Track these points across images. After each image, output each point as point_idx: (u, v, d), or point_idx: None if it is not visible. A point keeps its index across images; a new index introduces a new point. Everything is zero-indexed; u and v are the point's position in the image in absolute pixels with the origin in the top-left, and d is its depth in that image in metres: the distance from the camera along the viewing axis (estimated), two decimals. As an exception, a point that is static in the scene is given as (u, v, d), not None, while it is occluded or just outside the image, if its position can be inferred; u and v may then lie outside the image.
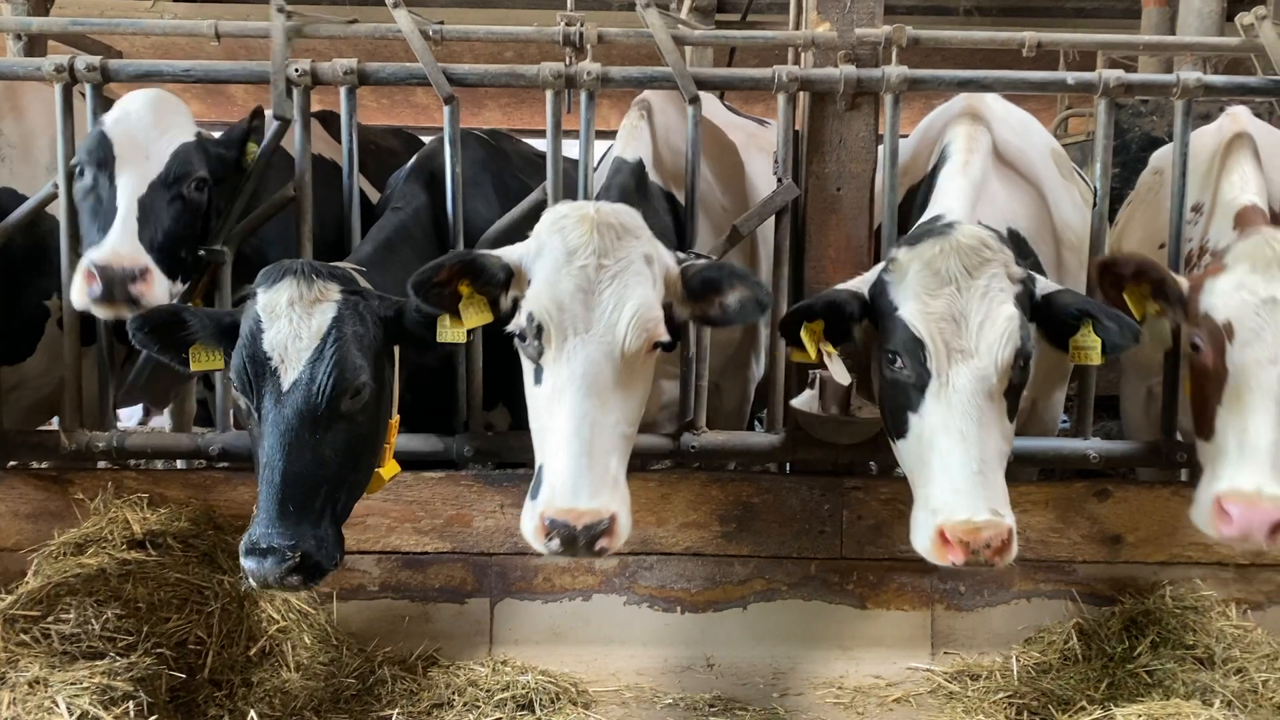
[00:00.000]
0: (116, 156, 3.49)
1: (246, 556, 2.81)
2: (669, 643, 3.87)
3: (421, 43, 3.73)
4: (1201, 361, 3.25)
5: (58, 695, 2.86)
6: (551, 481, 2.75)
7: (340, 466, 2.97)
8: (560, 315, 2.82)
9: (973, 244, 2.93)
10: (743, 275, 3.04)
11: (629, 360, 2.84)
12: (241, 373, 2.95)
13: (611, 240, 2.90)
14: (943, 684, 3.69)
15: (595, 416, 2.77)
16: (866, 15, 3.83)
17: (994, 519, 2.72)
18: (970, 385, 2.84)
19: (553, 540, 2.69)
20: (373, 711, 3.37)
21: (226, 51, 8.40)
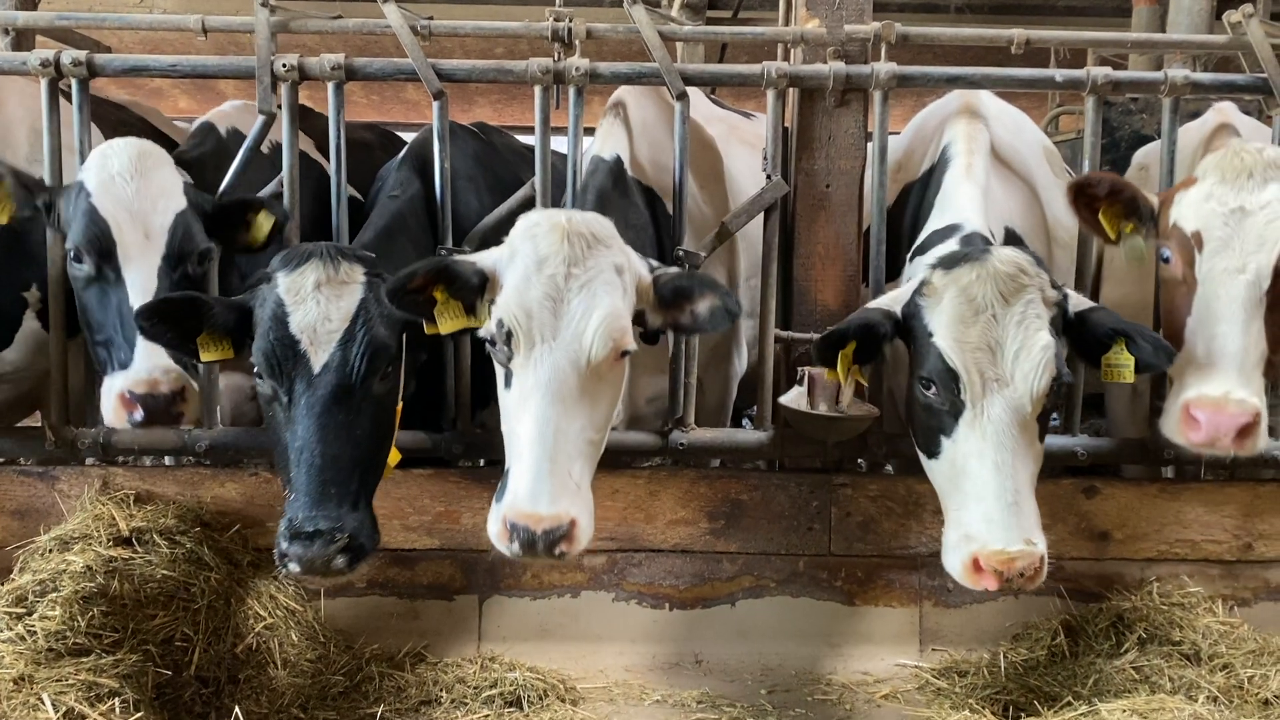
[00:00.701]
0: (117, 242, 3.36)
1: (292, 542, 2.84)
2: (657, 640, 3.87)
3: (411, 38, 3.72)
4: (1171, 273, 3.30)
5: (43, 692, 2.84)
6: (515, 486, 2.78)
7: (371, 447, 3.03)
8: (529, 322, 2.84)
9: (1010, 270, 2.92)
10: (713, 284, 3.07)
11: (595, 368, 2.86)
12: (270, 356, 2.97)
13: (582, 249, 2.91)
14: (930, 680, 3.70)
15: (559, 423, 2.79)
16: (856, 12, 3.83)
17: (1027, 549, 2.76)
18: (1005, 416, 2.86)
19: (514, 543, 2.74)
20: (360, 709, 3.37)
21: (214, 46, 8.38)
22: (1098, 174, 3.46)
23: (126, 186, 3.40)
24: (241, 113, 4.45)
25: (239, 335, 3.13)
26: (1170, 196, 3.37)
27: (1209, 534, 3.91)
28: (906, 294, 3.12)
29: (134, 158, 3.45)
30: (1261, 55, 3.77)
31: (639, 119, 4.00)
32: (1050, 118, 7.57)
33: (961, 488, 2.91)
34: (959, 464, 2.92)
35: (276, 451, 3.09)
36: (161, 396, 3.25)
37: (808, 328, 3.86)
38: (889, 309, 3.13)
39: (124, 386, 3.26)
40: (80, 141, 3.71)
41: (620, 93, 4.08)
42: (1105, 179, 3.42)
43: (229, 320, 3.11)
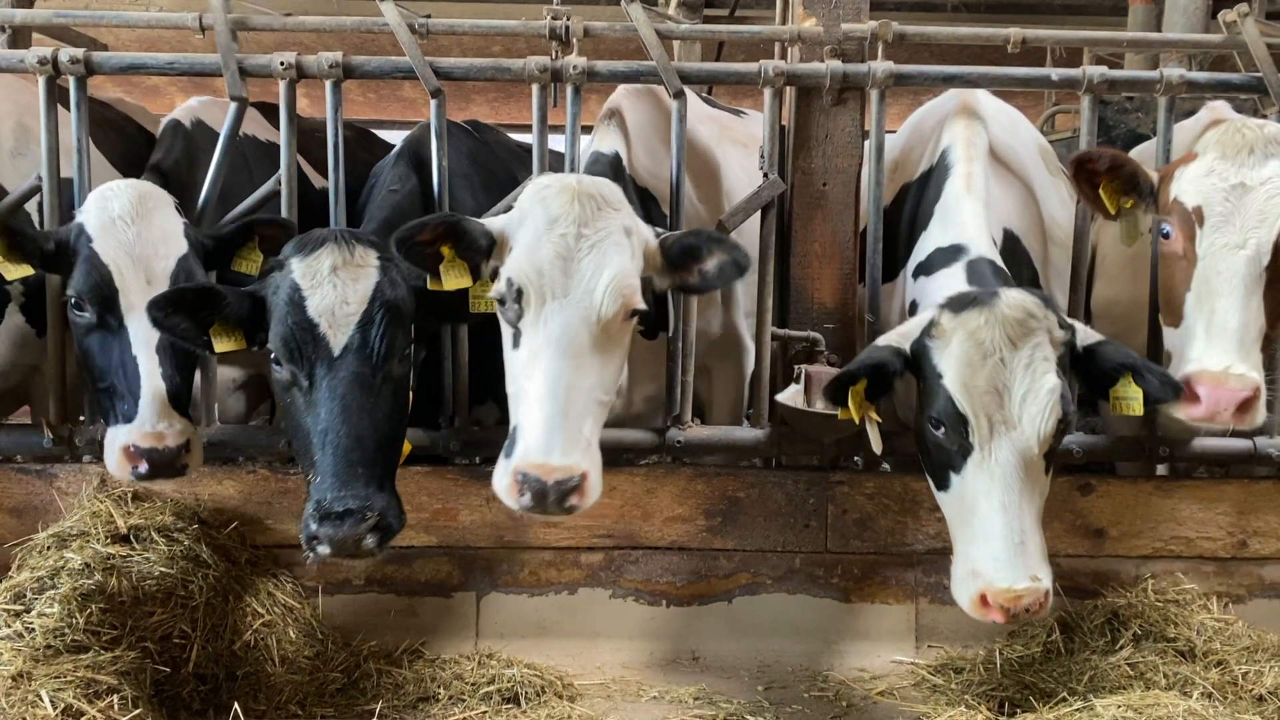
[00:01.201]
0: (119, 289, 3.24)
1: (322, 523, 2.85)
2: (654, 636, 3.89)
3: (408, 36, 3.73)
4: (1171, 248, 3.31)
5: (41, 689, 2.85)
6: (525, 438, 2.80)
7: (391, 429, 3.07)
8: (539, 280, 2.88)
9: (1018, 315, 2.94)
10: (719, 239, 3.12)
11: (605, 326, 2.89)
12: (289, 340, 3.00)
13: (592, 210, 2.95)
14: (926, 677, 3.71)
15: (571, 379, 2.83)
16: (853, 11, 3.84)
17: (1033, 585, 2.81)
18: (1012, 458, 2.89)
19: (524, 496, 2.76)
20: (358, 705, 3.38)
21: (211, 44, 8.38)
22: (1099, 149, 3.47)
23: (128, 230, 3.29)
24: (208, 107, 4.36)
25: (250, 326, 3.15)
26: (1170, 172, 3.38)
27: (1204, 531, 3.93)
28: (915, 330, 3.14)
29: (135, 200, 3.34)
30: (1256, 54, 3.78)
31: (634, 122, 4.01)
32: (1046, 116, 7.59)
33: (970, 524, 2.96)
34: (967, 501, 2.96)
35: (295, 437, 3.10)
36: (167, 450, 3.17)
37: (804, 326, 3.87)
38: (898, 346, 3.15)
39: (129, 440, 3.17)
40: (78, 140, 3.71)
41: (615, 97, 4.09)
42: (1106, 154, 3.44)
43: (242, 311, 3.12)
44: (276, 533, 3.82)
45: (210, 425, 3.80)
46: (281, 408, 3.20)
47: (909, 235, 3.91)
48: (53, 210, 3.69)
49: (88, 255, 3.26)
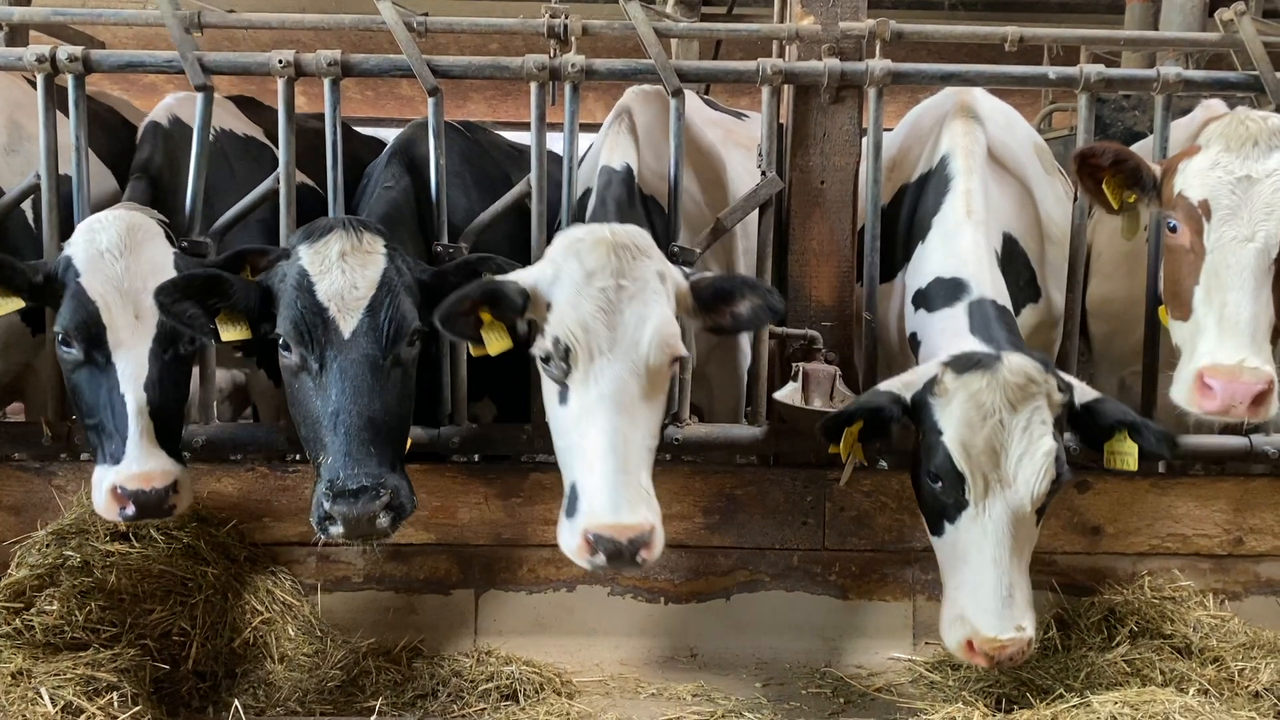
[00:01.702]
0: (107, 326, 3.14)
1: (335, 501, 2.87)
2: (652, 633, 3.89)
3: (406, 34, 3.73)
4: (1178, 242, 3.30)
5: (41, 686, 2.87)
6: (591, 499, 2.83)
7: (400, 413, 3.11)
8: (586, 337, 2.89)
9: (1019, 380, 2.99)
10: (754, 284, 3.15)
11: (652, 376, 2.92)
12: (298, 324, 3.03)
13: (628, 261, 2.96)
14: (924, 674, 3.72)
15: (626, 433, 2.85)
16: (850, 9, 3.85)
17: (1017, 635, 2.91)
18: (1005, 515, 2.97)
19: (597, 555, 2.79)
20: (357, 702, 3.38)
21: (210, 42, 8.37)
22: (1102, 144, 3.47)
23: (116, 264, 3.19)
24: (184, 103, 4.23)
25: (256, 317, 3.17)
26: (1173, 165, 3.38)
27: (1200, 528, 3.94)
28: (917, 382, 3.17)
29: (123, 232, 3.24)
30: (1253, 53, 3.79)
31: (644, 125, 4.00)
32: (1043, 114, 7.60)
33: (960, 572, 3.04)
34: (960, 551, 3.04)
35: (304, 423, 3.11)
36: (154, 492, 3.09)
37: (802, 324, 3.88)
38: (899, 394, 3.18)
39: (115, 481, 3.10)
40: (76, 138, 3.71)
41: (626, 99, 4.07)
42: (1109, 148, 3.44)
43: (249, 299, 3.14)
44: (275, 530, 3.83)
45: (209, 424, 3.80)
46: (289, 394, 3.20)
47: (906, 238, 3.91)
48: (51, 208, 3.69)
49: (75, 290, 3.16)
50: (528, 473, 3.89)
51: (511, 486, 3.87)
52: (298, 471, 3.82)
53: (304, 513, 3.78)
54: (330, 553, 3.84)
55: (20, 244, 3.79)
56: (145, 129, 4.12)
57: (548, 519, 3.87)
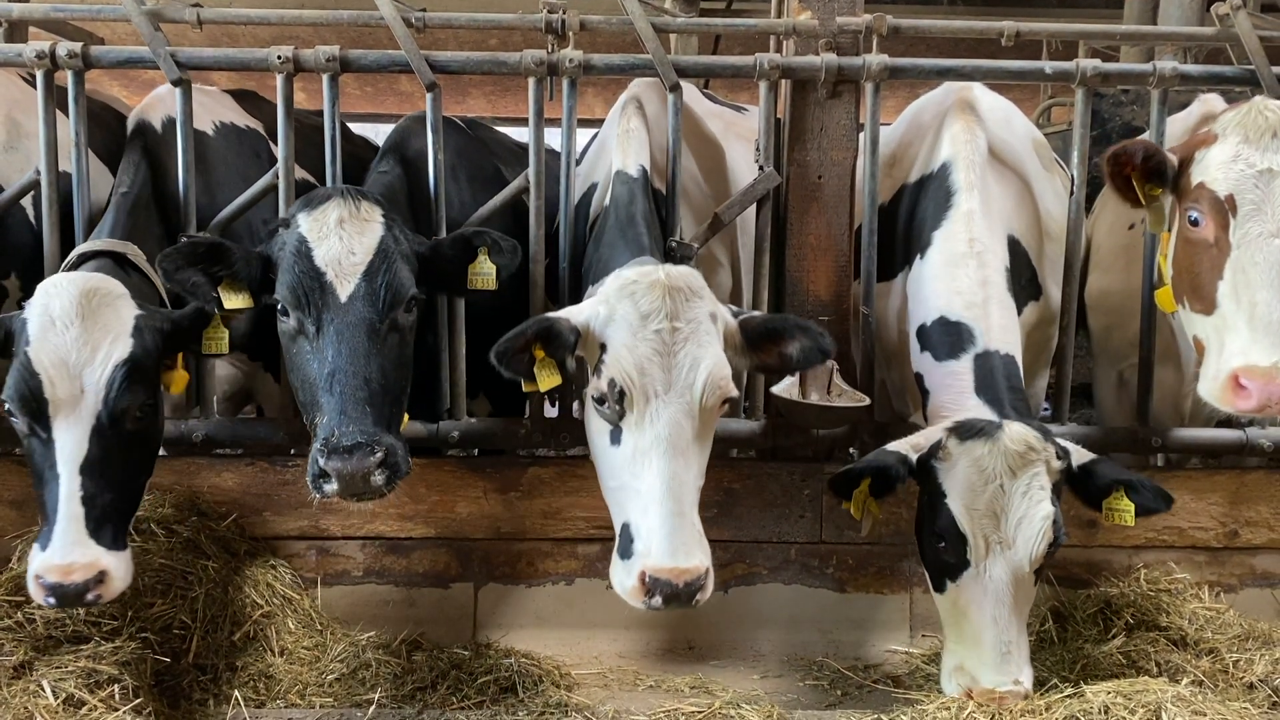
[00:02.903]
0: (49, 400, 2.88)
1: (330, 457, 2.87)
2: (650, 626, 3.91)
3: (404, 30, 3.74)
4: (1200, 235, 3.27)
5: (43, 680, 2.89)
6: (648, 541, 2.85)
7: (397, 378, 3.13)
8: (642, 379, 2.91)
9: (1019, 449, 3.08)
10: (804, 326, 3.17)
11: (704, 417, 2.95)
12: (296, 289, 3.07)
13: (682, 303, 2.98)
14: (921, 666, 3.74)
15: (681, 475, 2.89)
16: (847, 4, 3.86)
17: (1014, 689, 3.00)
18: (1005, 576, 3.06)
19: (654, 598, 2.81)
20: (356, 695, 3.39)
21: (209, 37, 8.36)
22: (1133, 143, 3.44)
23: (65, 334, 2.93)
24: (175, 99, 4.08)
25: (257, 287, 3.21)
26: (1190, 155, 3.34)
27: (1196, 521, 3.96)
28: (924, 445, 3.23)
29: (77, 297, 2.98)
30: (1249, 47, 3.80)
31: (654, 114, 3.99)
32: (1042, 109, 7.60)
33: (961, 627, 3.15)
34: (960, 607, 3.14)
35: (302, 387, 3.14)
36: (72, 586, 2.81)
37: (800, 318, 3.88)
38: (906, 454, 3.24)
39: (35, 570, 2.84)
40: (75, 134, 3.73)
41: (634, 88, 4.07)
42: (1139, 147, 3.41)
43: (251, 269, 3.19)
44: (275, 524, 3.84)
45: (209, 418, 3.82)
46: (287, 359, 3.23)
47: (906, 241, 3.91)
48: (51, 204, 3.70)
49: (22, 360, 2.93)
50: (526, 467, 3.91)
51: (510, 480, 3.88)
52: (297, 466, 3.84)
53: (304, 507, 3.83)
54: (330, 546, 3.86)
55: (21, 241, 3.80)
56: (134, 130, 3.95)
57: (546, 513, 3.89)
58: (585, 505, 3.88)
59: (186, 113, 3.72)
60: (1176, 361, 4.22)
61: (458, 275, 3.36)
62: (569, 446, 3.92)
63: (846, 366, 3.90)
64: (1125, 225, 4.29)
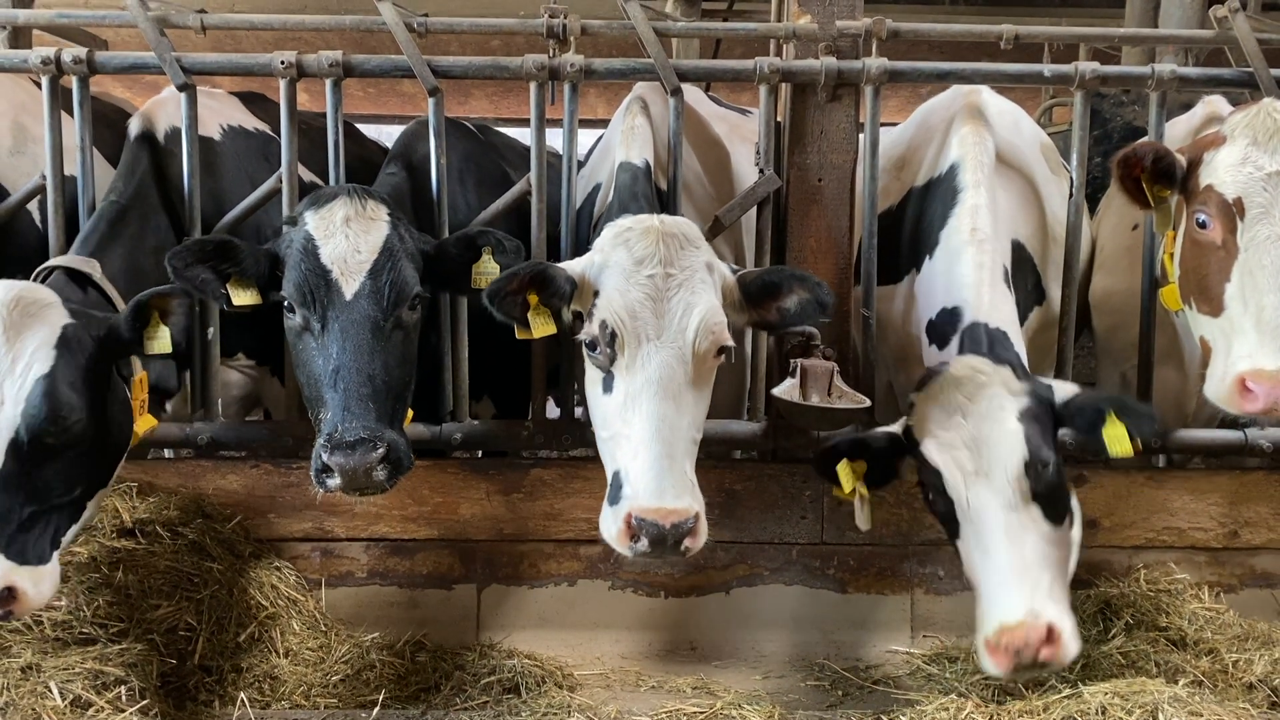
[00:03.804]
0: None
1: (333, 452, 2.91)
2: (653, 627, 3.93)
3: (406, 35, 3.76)
4: (1208, 237, 3.27)
5: (50, 681, 2.90)
6: (635, 484, 2.81)
7: (401, 375, 3.16)
8: (633, 322, 2.90)
9: (967, 374, 3.06)
10: (802, 277, 3.14)
11: (697, 364, 2.93)
12: (303, 286, 3.11)
13: (676, 250, 2.99)
14: (921, 666, 3.76)
15: (672, 419, 2.85)
16: (847, 8, 3.87)
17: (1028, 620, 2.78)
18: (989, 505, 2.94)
19: (639, 541, 2.75)
20: (361, 696, 3.42)
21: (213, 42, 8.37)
22: (1142, 145, 3.45)
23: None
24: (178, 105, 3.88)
25: (265, 284, 3.25)
26: (1199, 156, 3.34)
27: (1196, 521, 3.97)
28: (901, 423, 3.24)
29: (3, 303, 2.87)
30: (1247, 50, 3.82)
31: (659, 114, 4.01)
32: (1044, 109, 7.61)
33: (976, 568, 3.02)
34: (967, 552, 3.04)
35: (307, 383, 3.18)
36: None
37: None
38: (892, 430, 3.23)
39: None
40: (81, 139, 3.75)
41: (640, 90, 4.10)
42: (1148, 150, 3.42)
43: (259, 266, 3.22)
44: (280, 526, 3.87)
45: (214, 421, 3.84)
46: (293, 355, 3.28)
47: (913, 244, 3.93)
48: (56, 209, 3.73)
49: None
50: (529, 469, 3.93)
51: (513, 482, 3.91)
52: (301, 468, 3.85)
53: (308, 509, 3.86)
54: (334, 548, 3.89)
55: (28, 245, 3.82)
56: (135, 138, 3.86)
57: (549, 514, 3.92)
58: (587, 506, 3.90)
59: (192, 116, 3.74)
60: (1179, 362, 4.23)
61: (462, 275, 3.39)
62: (571, 448, 3.94)
63: (847, 368, 3.92)
64: (1129, 226, 4.30)
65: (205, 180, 3.84)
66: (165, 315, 3.10)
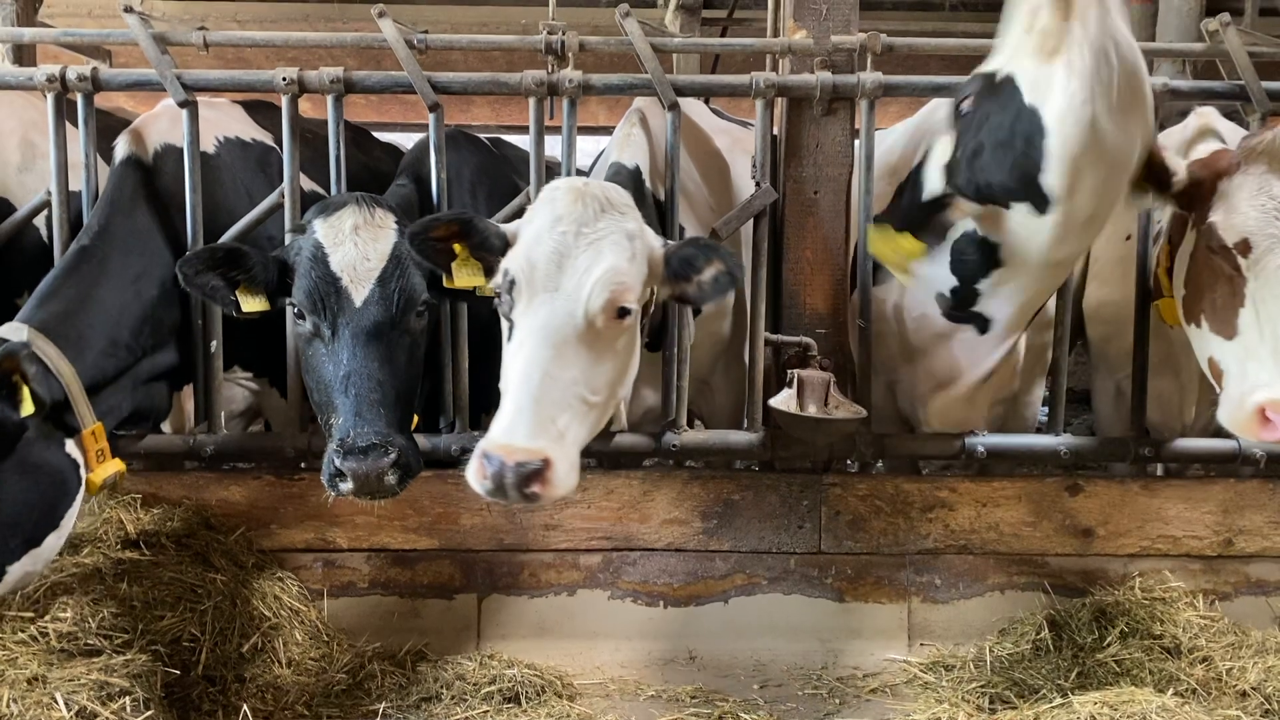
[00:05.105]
0: None
1: (346, 458, 2.97)
2: (652, 636, 3.97)
3: (406, 51, 3.81)
4: (1224, 262, 3.27)
5: (56, 692, 2.93)
6: (495, 423, 2.79)
7: (409, 380, 3.23)
8: (532, 272, 2.92)
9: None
10: (715, 250, 3.09)
11: (592, 320, 2.87)
12: (313, 294, 3.18)
13: (595, 210, 3.00)
14: (918, 675, 3.79)
15: (549, 367, 2.80)
16: (842, 23, 3.91)
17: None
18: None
19: (486, 479, 2.69)
20: (362, 705, 3.46)
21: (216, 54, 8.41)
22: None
23: None
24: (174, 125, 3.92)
25: (274, 290, 3.32)
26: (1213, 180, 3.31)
27: (1190, 530, 4.00)
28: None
29: None
30: (1238, 62, 3.85)
31: (658, 128, 4.05)
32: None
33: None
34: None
35: (317, 389, 3.25)
36: None
37: (797, 331, 3.94)
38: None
39: None
40: (86, 155, 3.80)
41: (640, 103, 4.15)
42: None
43: (268, 273, 3.29)
44: (282, 537, 3.91)
45: (217, 433, 3.88)
46: (303, 361, 3.35)
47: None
48: (62, 224, 3.78)
49: None
50: (529, 479, 3.96)
51: (513, 493, 3.94)
52: (304, 479, 3.91)
53: (311, 519, 3.90)
54: (336, 559, 3.93)
55: (34, 260, 3.87)
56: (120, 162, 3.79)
57: (548, 524, 3.95)
58: (587, 517, 3.95)
59: (193, 133, 3.78)
60: (1175, 372, 4.26)
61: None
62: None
63: (844, 379, 3.96)
64: (1122, 236, 4.33)
65: (192, 195, 3.81)
66: (23, 376, 2.94)
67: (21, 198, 3.99)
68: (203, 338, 3.79)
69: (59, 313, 3.27)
